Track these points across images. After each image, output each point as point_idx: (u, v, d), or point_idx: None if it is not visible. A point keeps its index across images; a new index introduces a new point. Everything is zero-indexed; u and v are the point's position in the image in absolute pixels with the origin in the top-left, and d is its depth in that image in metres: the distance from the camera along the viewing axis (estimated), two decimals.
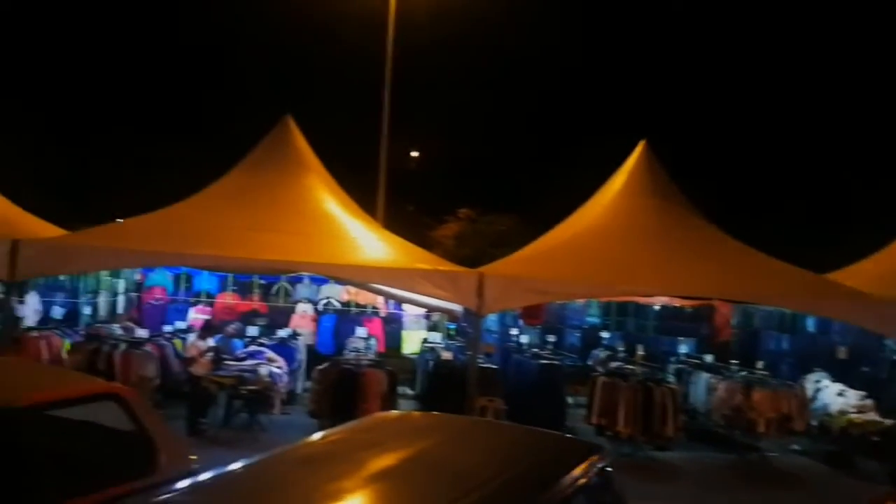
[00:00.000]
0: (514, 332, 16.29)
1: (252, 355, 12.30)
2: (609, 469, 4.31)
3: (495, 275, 10.69)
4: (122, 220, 13.04)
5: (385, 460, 3.85)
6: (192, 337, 12.75)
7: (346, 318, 15.93)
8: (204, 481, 3.47)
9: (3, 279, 10.56)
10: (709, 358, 14.20)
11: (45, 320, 12.44)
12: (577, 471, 3.87)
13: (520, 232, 22.34)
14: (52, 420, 4.31)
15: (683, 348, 16.46)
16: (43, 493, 3.90)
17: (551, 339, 15.30)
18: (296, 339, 14.13)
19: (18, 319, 11.17)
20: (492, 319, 15.39)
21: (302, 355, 14.03)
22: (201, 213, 11.47)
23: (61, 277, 12.60)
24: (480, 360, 11.35)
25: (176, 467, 4.48)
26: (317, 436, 4.44)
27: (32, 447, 4.04)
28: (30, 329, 11.46)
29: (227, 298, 16.50)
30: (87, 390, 4.37)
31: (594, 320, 18.41)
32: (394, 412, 5.80)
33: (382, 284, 11.31)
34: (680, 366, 14.57)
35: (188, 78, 36.29)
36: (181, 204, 11.87)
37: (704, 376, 13.23)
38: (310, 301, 16.08)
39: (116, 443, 4.56)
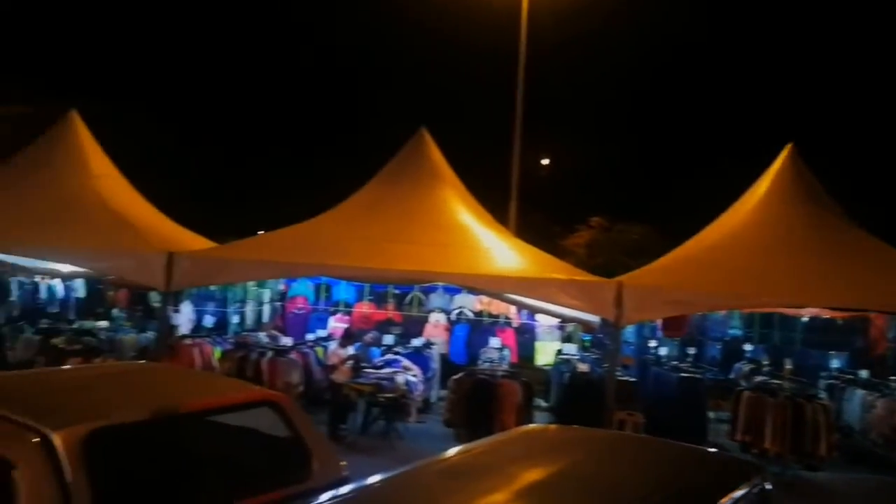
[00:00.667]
0: (652, 343, 15.87)
1: (389, 364, 12.53)
2: (770, 490, 4.10)
3: (635, 285, 10.45)
4: (262, 232, 13.63)
5: (534, 474, 3.80)
6: (332, 345, 13.14)
7: (478, 328, 15.99)
8: (354, 493, 3.53)
9: (160, 289, 11.25)
10: (864, 373, 13.34)
11: (198, 328, 13.15)
12: (738, 491, 3.70)
13: (655, 241, 21.80)
14: (214, 425, 4.52)
15: (835, 363, 15.53)
16: (205, 496, 4.08)
17: (691, 351, 14.81)
18: (430, 348, 14.31)
19: (174, 327, 11.86)
20: (629, 331, 15.03)
21: (436, 364, 14.19)
22: (340, 225, 11.83)
23: (212, 287, 13.29)
24: (618, 373, 11.12)
25: (328, 474, 4.60)
26: (461, 448, 4.45)
27: (196, 452, 4.25)
28: (183, 337, 12.15)
29: (364, 308, 16.89)
30: (246, 397, 4.55)
31: (736, 332, 17.67)
32: (539, 425, 5.74)
33: (517, 294, 11.28)
34: (832, 381, 13.77)
35: (326, 93, 37.60)
36: (321, 216, 12.28)
37: (860, 392, 12.45)
38: (443, 311, 16.24)
39: (273, 449, 4.73)
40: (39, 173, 12.76)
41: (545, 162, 34.63)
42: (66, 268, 13.26)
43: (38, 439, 3.32)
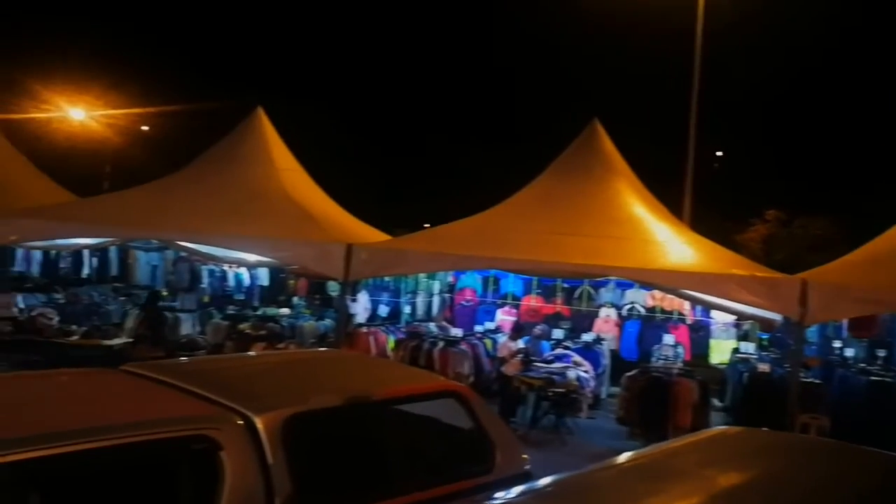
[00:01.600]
0: (836, 344, 14.82)
1: (559, 358, 12.41)
2: None
3: (821, 282, 9.78)
4: (428, 226, 13.86)
5: (731, 479, 3.60)
6: (502, 337, 13.16)
7: (650, 324, 15.53)
8: (550, 487, 3.46)
9: (339, 279, 11.68)
10: None
11: (373, 318, 13.60)
12: None
13: (838, 236, 20.36)
14: (401, 414, 4.60)
15: None
16: (393, 483, 4.16)
17: (881, 353, 13.69)
18: (600, 343, 14.05)
19: (351, 316, 12.31)
20: (811, 330, 14.12)
21: (606, 360, 13.92)
22: (512, 217, 11.82)
23: (386, 278, 13.70)
24: (802, 374, 10.46)
25: (511, 466, 4.58)
26: (651, 448, 4.28)
27: (384, 439, 4.34)
28: (360, 325, 12.59)
29: (532, 301, 16.82)
30: (433, 387, 4.60)
31: None
32: (729, 427, 5.46)
33: (693, 290, 10.85)
34: None
35: (499, 87, 37.89)
36: (493, 209, 12.33)
37: None
38: (613, 305, 15.89)
39: (457, 439, 4.76)
40: (229, 167, 13.53)
41: (719, 154, 33.15)
42: (251, 257, 14.01)
43: (242, 422, 3.48)
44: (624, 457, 3.99)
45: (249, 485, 3.40)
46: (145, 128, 42.80)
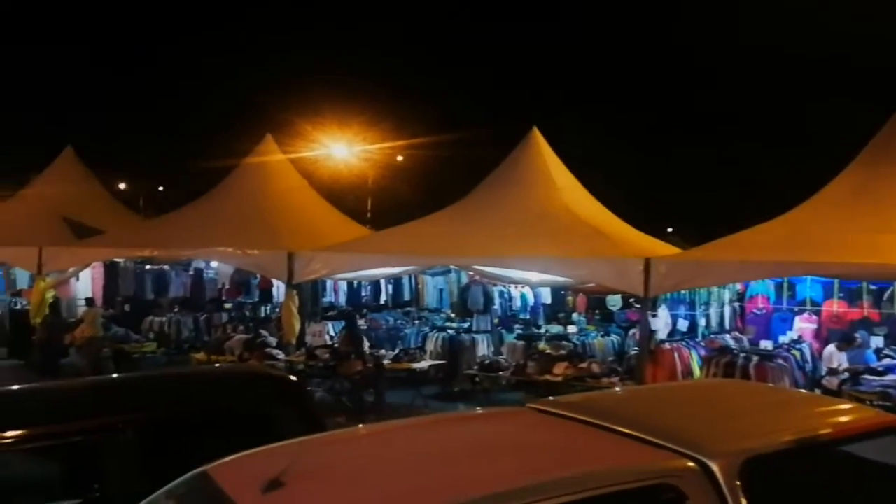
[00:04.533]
0: None
1: (891, 369, 11.17)
2: None
3: None
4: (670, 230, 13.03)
5: None
6: (805, 347, 12.17)
7: None
8: None
9: (640, 295, 11.34)
10: None
11: (672, 332, 13.12)
12: None
13: None
14: (846, 457, 4.08)
15: None
16: None
17: None
18: None
19: (652, 332, 11.92)
20: None
21: None
22: (816, 217, 10.89)
23: (683, 291, 13.20)
24: None
25: None
26: None
27: (843, 487, 3.92)
28: (662, 342, 12.15)
29: (835, 306, 15.41)
30: (878, 423, 4.05)
31: None
32: None
33: None
34: None
35: (797, 85, 35.85)
36: (794, 211, 11.44)
37: None
38: None
39: None
40: (512, 190, 13.74)
41: None
42: (535, 276, 14.09)
43: (699, 468, 3.26)
44: None
45: None
46: (399, 158, 45.16)
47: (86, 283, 17.28)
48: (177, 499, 3.42)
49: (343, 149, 41.79)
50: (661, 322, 12.23)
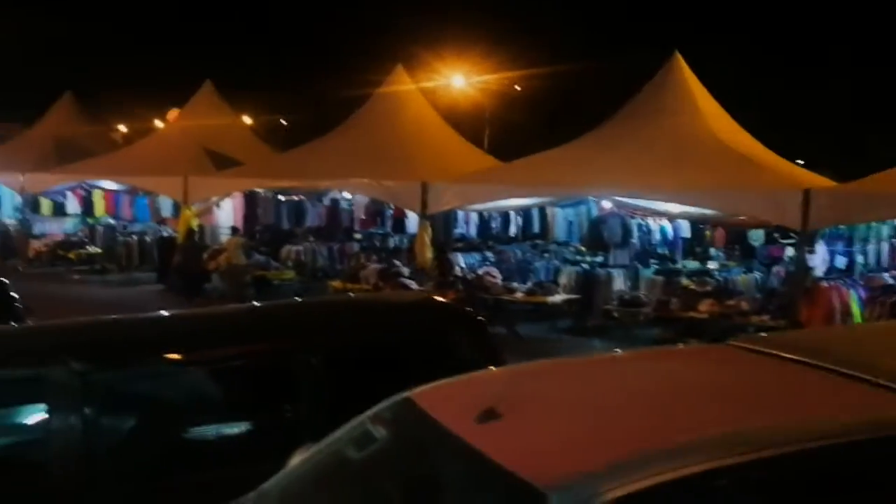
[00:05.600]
0: None
1: None
2: None
3: None
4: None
5: None
6: None
7: None
8: None
9: (797, 229, 10.72)
10: None
11: (830, 270, 12.39)
12: None
13: None
14: None
15: None
16: None
17: None
18: None
19: (809, 269, 11.29)
20: None
21: None
22: None
23: (841, 227, 12.41)
24: None
25: None
26: None
27: None
28: (819, 279, 11.50)
29: None
30: None
31: None
32: None
33: None
34: None
35: None
36: None
37: None
38: None
39: None
40: (654, 119, 13.13)
41: None
42: (676, 208, 13.53)
43: None
44: None
45: None
46: (517, 88, 44.26)
47: (227, 212, 17.84)
48: (384, 423, 3.37)
49: (461, 79, 41.38)
50: (818, 259, 11.59)
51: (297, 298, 9.34)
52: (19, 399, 4.25)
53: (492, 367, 4.02)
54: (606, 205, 14.37)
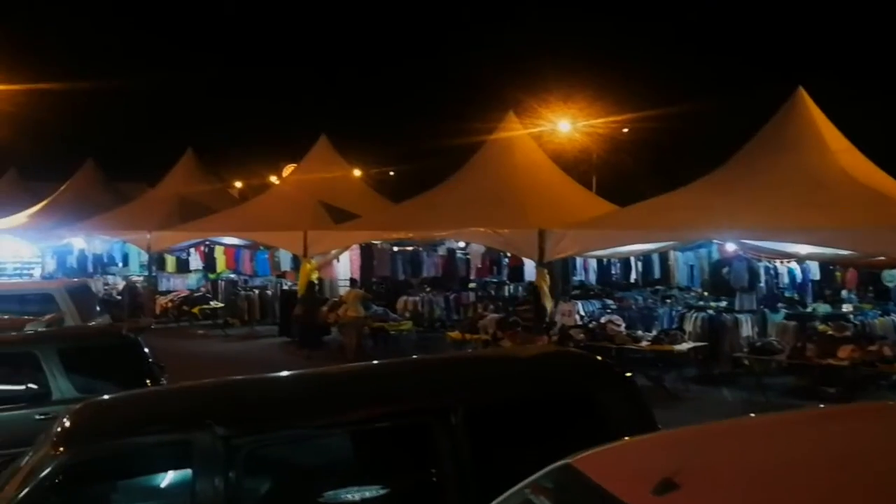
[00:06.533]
0: None
1: None
2: None
3: None
4: None
5: None
6: None
7: None
8: None
9: None
10: None
11: None
12: None
13: None
14: None
15: None
16: None
17: None
18: None
19: None
20: None
21: None
22: None
23: None
24: None
25: None
26: None
27: None
28: None
29: None
30: None
31: None
32: None
33: None
34: None
35: None
36: None
37: None
38: None
39: None
40: (778, 156, 12.64)
41: None
42: (804, 249, 12.90)
43: None
44: None
45: None
46: (624, 130, 43.76)
47: (344, 265, 18.17)
48: (546, 493, 3.21)
49: (567, 124, 41.25)
50: None
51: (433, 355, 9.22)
52: (164, 463, 4.32)
53: (657, 430, 3.83)
54: (730, 247, 13.83)
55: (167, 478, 4.44)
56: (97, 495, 4.36)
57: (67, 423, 4.12)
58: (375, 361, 6.88)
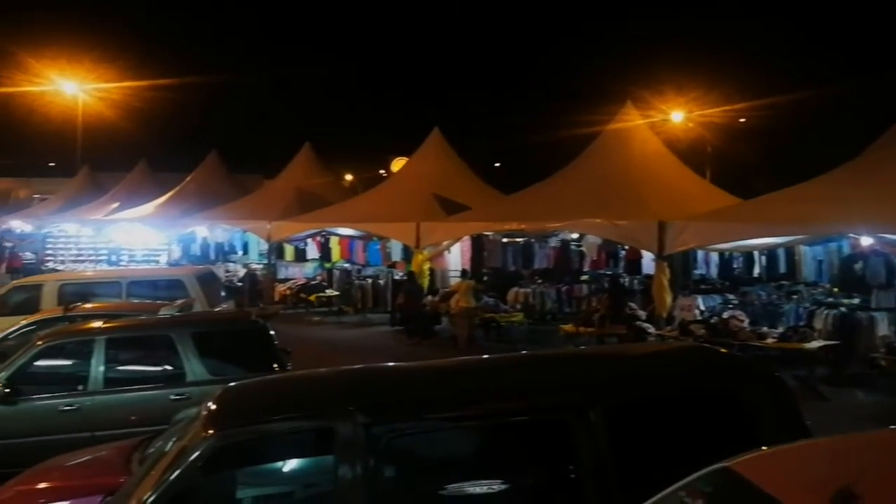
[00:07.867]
0: None
1: None
2: None
3: None
4: None
5: None
6: None
7: None
8: None
9: None
10: None
11: None
12: None
13: None
14: None
15: None
16: None
17: None
18: None
19: None
20: None
21: None
22: None
23: None
24: None
25: None
26: None
27: None
28: None
29: None
30: None
31: None
32: None
33: None
34: None
35: None
36: None
37: None
38: None
39: None
40: None
41: None
42: None
43: None
44: None
45: None
46: (741, 120, 42.18)
47: (455, 256, 18.20)
48: (702, 497, 3.06)
49: (680, 114, 40.09)
50: None
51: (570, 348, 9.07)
52: (306, 449, 4.37)
53: (809, 436, 3.59)
54: (865, 242, 13.05)
55: (307, 463, 4.51)
56: (242, 477, 4.47)
57: (216, 406, 4.22)
58: (512, 354, 6.81)
